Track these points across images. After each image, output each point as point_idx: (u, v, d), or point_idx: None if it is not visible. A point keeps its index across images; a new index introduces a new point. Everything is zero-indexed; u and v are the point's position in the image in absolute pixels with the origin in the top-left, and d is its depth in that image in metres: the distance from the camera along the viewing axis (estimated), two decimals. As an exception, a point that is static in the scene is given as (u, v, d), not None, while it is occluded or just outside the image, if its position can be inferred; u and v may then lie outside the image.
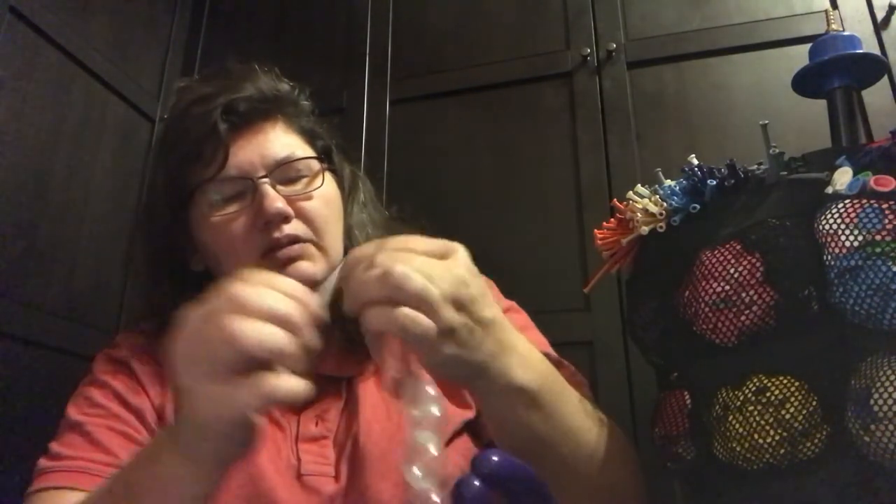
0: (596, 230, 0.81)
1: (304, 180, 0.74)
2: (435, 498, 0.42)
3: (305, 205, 0.72)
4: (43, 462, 0.67)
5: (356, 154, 1.35)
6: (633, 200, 0.75)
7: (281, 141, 0.74)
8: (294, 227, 0.70)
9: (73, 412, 0.70)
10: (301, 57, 1.52)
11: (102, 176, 1.34)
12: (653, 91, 1.29)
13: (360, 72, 1.47)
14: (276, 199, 0.69)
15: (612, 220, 0.80)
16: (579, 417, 0.61)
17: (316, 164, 0.76)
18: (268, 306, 0.45)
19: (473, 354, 0.50)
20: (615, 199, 0.83)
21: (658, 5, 1.34)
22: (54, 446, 0.68)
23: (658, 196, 0.73)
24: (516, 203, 1.30)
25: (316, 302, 0.47)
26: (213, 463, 0.49)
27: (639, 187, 0.77)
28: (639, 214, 0.73)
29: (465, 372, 0.51)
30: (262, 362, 0.44)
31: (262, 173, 0.71)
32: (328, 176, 0.77)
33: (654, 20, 1.33)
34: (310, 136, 0.79)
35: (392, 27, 1.50)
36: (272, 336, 0.44)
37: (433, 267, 0.48)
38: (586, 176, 1.27)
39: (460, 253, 0.51)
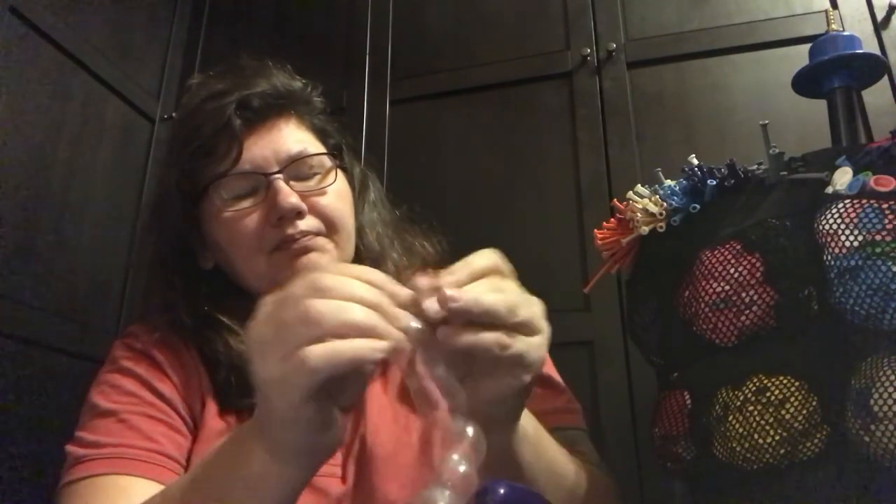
0: (596, 230, 0.81)
1: (317, 177, 0.74)
2: None
3: (319, 200, 0.72)
4: (79, 450, 0.64)
5: (358, 154, 1.35)
6: (633, 200, 0.75)
7: (294, 137, 0.74)
8: (308, 224, 0.70)
9: (103, 400, 0.68)
10: (301, 57, 1.51)
11: (102, 176, 1.34)
12: (653, 91, 1.29)
13: (360, 72, 1.47)
14: (289, 195, 0.69)
15: (612, 220, 0.80)
16: (558, 455, 0.61)
17: (328, 161, 0.76)
18: (350, 290, 0.43)
19: (532, 383, 0.50)
20: (615, 199, 0.83)
21: (658, 5, 1.34)
22: (87, 435, 0.65)
23: (658, 196, 0.73)
24: (516, 203, 1.30)
25: (400, 289, 0.45)
26: (303, 457, 0.47)
27: (639, 187, 0.77)
28: (639, 214, 0.73)
29: (516, 407, 0.51)
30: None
31: (276, 169, 0.71)
32: (340, 173, 0.77)
33: (654, 20, 1.33)
34: (322, 134, 0.79)
35: (392, 27, 1.50)
36: (352, 313, 0.42)
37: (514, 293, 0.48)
38: (586, 176, 1.27)
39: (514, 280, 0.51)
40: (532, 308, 0.48)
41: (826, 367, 0.58)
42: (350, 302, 0.42)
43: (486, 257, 0.49)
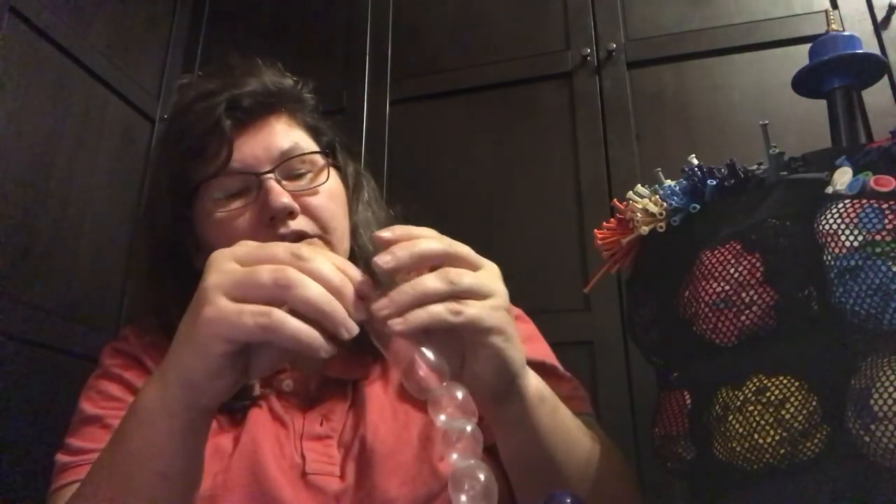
0: (596, 230, 0.81)
1: (309, 175, 0.73)
2: (481, 475, 0.42)
3: (311, 200, 0.71)
4: (65, 458, 0.66)
5: (356, 153, 1.35)
6: (633, 200, 0.75)
7: (285, 135, 0.73)
8: (300, 223, 0.69)
9: (90, 406, 0.69)
10: (301, 57, 1.52)
11: (102, 176, 1.34)
12: (653, 91, 1.29)
13: (360, 72, 1.47)
14: (281, 194, 0.68)
15: (612, 220, 0.80)
16: (573, 425, 0.62)
17: (320, 160, 0.75)
18: (325, 270, 0.46)
19: (516, 350, 0.52)
20: (615, 199, 0.83)
21: (658, 5, 1.34)
22: (74, 441, 0.67)
23: (658, 196, 0.73)
24: (516, 203, 1.30)
25: (366, 285, 0.48)
26: (190, 395, 0.48)
27: (639, 187, 0.77)
28: (639, 214, 0.73)
29: (509, 370, 0.52)
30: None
31: (267, 168, 0.70)
32: (333, 172, 0.76)
33: (654, 20, 1.33)
34: (314, 132, 0.78)
35: (392, 27, 1.50)
36: (322, 296, 0.45)
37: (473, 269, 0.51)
38: (586, 176, 1.27)
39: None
40: (479, 274, 0.50)
41: (826, 367, 0.58)
42: (317, 281, 0.45)
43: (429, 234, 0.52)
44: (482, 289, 0.50)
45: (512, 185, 1.31)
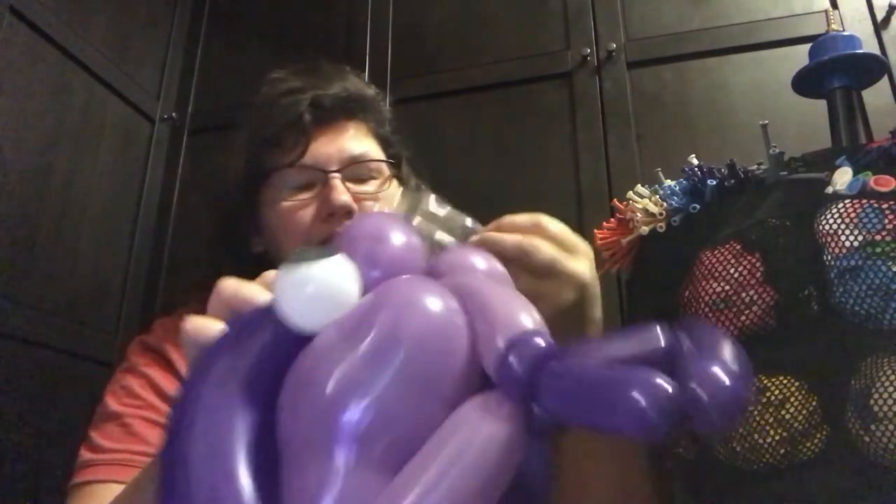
0: (596, 230, 0.81)
1: (374, 182, 0.77)
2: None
3: (370, 205, 0.75)
4: (86, 454, 0.68)
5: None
6: (633, 200, 0.75)
7: (357, 140, 0.78)
8: None
9: (112, 401, 0.71)
10: (301, 57, 1.52)
11: (102, 176, 1.34)
12: (653, 91, 1.29)
13: (360, 72, 1.47)
14: (342, 193, 0.72)
15: (612, 220, 0.80)
16: None
17: (386, 169, 0.79)
18: None
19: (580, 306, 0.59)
20: (615, 199, 0.83)
21: (658, 5, 1.34)
22: (96, 436, 0.69)
23: (658, 196, 0.73)
24: (516, 203, 1.30)
25: None
26: None
27: (639, 187, 0.77)
28: (639, 214, 0.73)
29: (567, 321, 0.56)
30: None
31: (335, 167, 0.74)
32: (395, 184, 0.80)
33: (654, 20, 1.33)
34: (384, 143, 0.82)
35: (392, 27, 1.50)
36: None
37: None
38: (586, 176, 1.27)
39: None
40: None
41: (826, 367, 0.58)
42: None
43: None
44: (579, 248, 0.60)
45: (512, 185, 1.31)
